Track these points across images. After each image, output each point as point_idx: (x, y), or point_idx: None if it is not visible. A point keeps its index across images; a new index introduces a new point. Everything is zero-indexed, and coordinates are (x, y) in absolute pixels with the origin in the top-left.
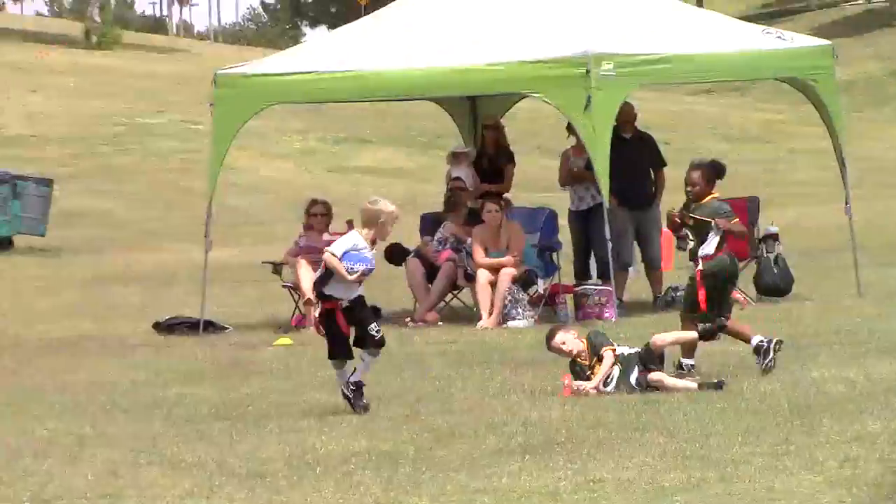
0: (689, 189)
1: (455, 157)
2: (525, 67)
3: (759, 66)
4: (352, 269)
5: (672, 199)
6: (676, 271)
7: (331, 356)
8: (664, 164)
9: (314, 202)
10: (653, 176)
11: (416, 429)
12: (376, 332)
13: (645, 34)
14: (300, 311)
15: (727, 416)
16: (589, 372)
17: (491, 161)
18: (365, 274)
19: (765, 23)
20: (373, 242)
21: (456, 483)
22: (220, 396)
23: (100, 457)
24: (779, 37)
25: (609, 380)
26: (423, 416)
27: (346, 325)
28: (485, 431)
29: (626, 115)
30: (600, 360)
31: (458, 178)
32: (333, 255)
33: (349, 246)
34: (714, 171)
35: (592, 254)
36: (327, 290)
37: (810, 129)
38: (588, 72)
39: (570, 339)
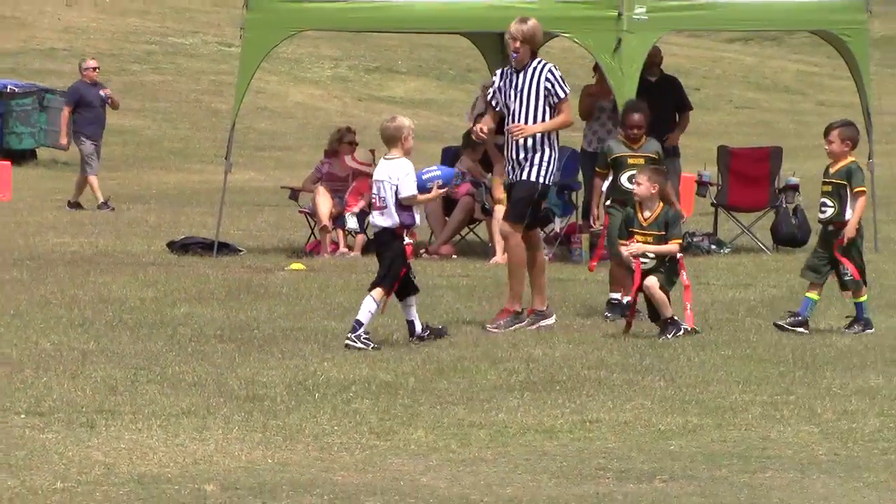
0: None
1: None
2: (557, 7)
3: (791, 18)
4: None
5: (692, 142)
6: (697, 216)
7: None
8: (690, 108)
9: (347, 130)
10: (678, 119)
11: (419, 360)
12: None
13: None
14: (315, 237)
15: (731, 364)
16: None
17: None
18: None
19: None
20: None
21: (453, 416)
22: (227, 318)
23: (100, 373)
24: None
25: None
26: (427, 347)
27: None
28: (487, 366)
29: (651, 58)
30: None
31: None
32: (414, 196)
33: (413, 174)
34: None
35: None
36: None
37: (842, 83)
38: (620, 15)
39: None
